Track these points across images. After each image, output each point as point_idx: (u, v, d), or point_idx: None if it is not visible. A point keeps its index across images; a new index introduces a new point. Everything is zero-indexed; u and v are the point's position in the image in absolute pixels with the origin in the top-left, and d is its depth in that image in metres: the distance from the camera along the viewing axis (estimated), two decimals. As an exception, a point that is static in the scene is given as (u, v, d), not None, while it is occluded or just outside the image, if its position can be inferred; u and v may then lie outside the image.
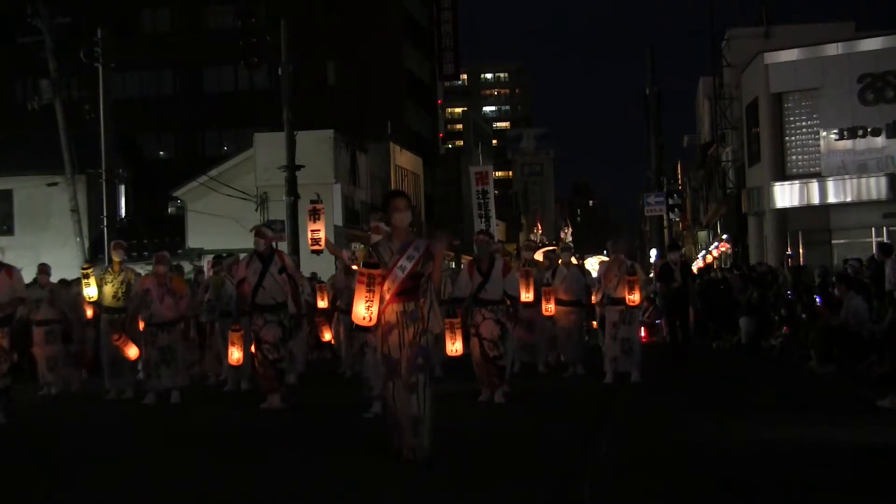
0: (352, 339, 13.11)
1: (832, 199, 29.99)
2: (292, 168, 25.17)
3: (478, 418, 10.18)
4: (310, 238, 16.42)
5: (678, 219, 47.24)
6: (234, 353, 11.80)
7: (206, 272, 15.62)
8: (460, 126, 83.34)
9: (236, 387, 13.29)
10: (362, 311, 7.40)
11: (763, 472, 7.23)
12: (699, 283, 20.72)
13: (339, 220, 34.20)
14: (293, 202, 25.09)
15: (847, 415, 10.01)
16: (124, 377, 12.85)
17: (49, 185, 31.08)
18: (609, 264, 13.60)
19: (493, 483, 7.04)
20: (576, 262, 17.01)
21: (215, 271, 14.57)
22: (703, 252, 46.86)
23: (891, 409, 9.90)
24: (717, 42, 39.33)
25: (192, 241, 34.22)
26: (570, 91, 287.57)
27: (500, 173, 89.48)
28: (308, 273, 19.15)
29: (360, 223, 35.21)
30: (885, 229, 29.06)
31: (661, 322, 19.60)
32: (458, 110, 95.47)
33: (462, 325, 10.92)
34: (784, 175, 31.11)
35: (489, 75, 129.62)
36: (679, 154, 68.68)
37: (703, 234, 54.94)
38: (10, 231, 35.04)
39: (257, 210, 31.03)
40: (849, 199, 29.73)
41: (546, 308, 14.05)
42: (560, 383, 13.37)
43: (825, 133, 30.09)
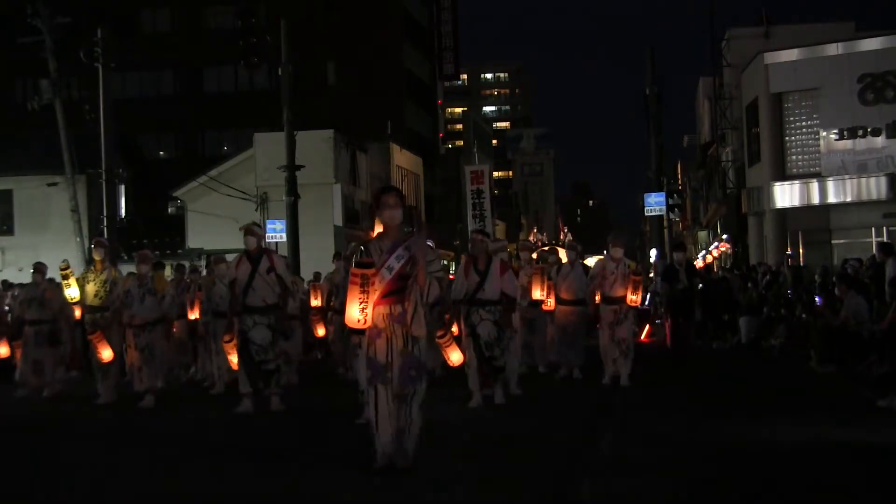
0: (344, 339, 12.88)
1: (832, 199, 30.00)
2: (292, 168, 25.18)
3: (477, 419, 10.15)
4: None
5: (678, 219, 47.22)
6: (234, 359, 11.59)
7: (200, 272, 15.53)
8: (460, 126, 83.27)
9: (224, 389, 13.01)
10: (356, 312, 7.04)
11: (763, 472, 7.23)
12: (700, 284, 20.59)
13: (339, 220, 34.22)
14: (293, 202, 25.10)
15: (847, 415, 10.01)
16: (114, 378, 12.55)
17: (49, 185, 31.09)
18: (605, 261, 13.28)
19: (493, 483, 7.04)
20: (581, 261, 16.78)
21: (208, 272, 14.48)
22: (703, 252, 46.85)
23: (891, 409, 9.90)
24: (717, 42, 39.34)
25: (192, 241, 34.22)
26: (570, 91, 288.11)
27: (500, 173, 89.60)
28: (311, 274, 19.09)
29: (360, 223, 35.22)
30: (885, 229, 29.07)
31: (662, 322, 19.58)
32: (458, 110, 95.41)
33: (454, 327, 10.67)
34: (784, 175, 31.11)
35: (489, 75, 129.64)
36: (679, 154, 68.78)
37: (703, 234, 54.94)
38: (10, 231, 35.03)
39: (257, 210, 31.05)
40: (849, 199, 29.73)
41: (546, 303, 13.81)
42: (560, 384, 13.30)
43: (825, 133, 30.10)
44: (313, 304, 15.54)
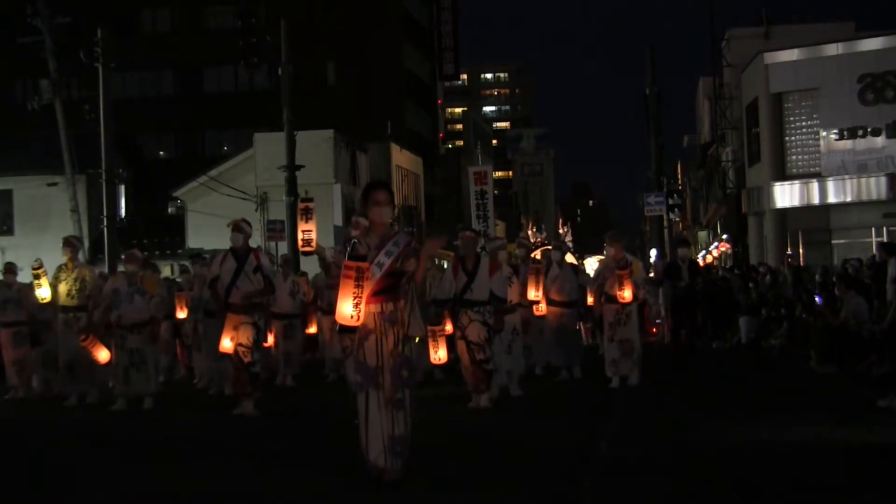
0: (334, 340, 12.56)
1: (832, 199, 30.02)
2: (292, 168, 25.18)
3: (477, 419, 10.13)
4: (301, 238, 15.92)
5: (678, 219, 47.19)
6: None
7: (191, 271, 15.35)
8: (460, 126, 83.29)
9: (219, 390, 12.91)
10: (349, 308, 6.59)
11: (763, 472, 7.22)
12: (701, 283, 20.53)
13: (339, 221, 34.18)
14: (293, 202, 25.09)
15: (847, 415, 10.00)
16: (89, 378, 12.28)
17: (49, 185, 31.06)
18: (606, 260, 13.10)
19: (493, 484, 7.04)
20: (574, 260, 16.65)
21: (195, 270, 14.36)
22: (704, 252, 46.87)
23: (891, 409, 9.90)
24: (717, 42, 39.36)
25: (192, 242, 34.18)
26: (570, 91, 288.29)
27: (500, 173, 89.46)
28: (311, 274, 19.00)
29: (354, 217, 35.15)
30: (885, 229, 29.09)
31: (661, 322, 19.58)
32: (458, 110, 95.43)
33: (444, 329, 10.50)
34: (784, 175, 31.13)
35: (489, 75, 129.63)
36: (679, 154, 68.83)
37: (703, 234, 54.95)
38: (10, 231, 35.03)
39: (257, 210, 31.02)
40: (849, 199, 29.75)
41: (537, 308, 13.49)
42: (558, 385, 13.26)
43: (825, 133, 30.11)
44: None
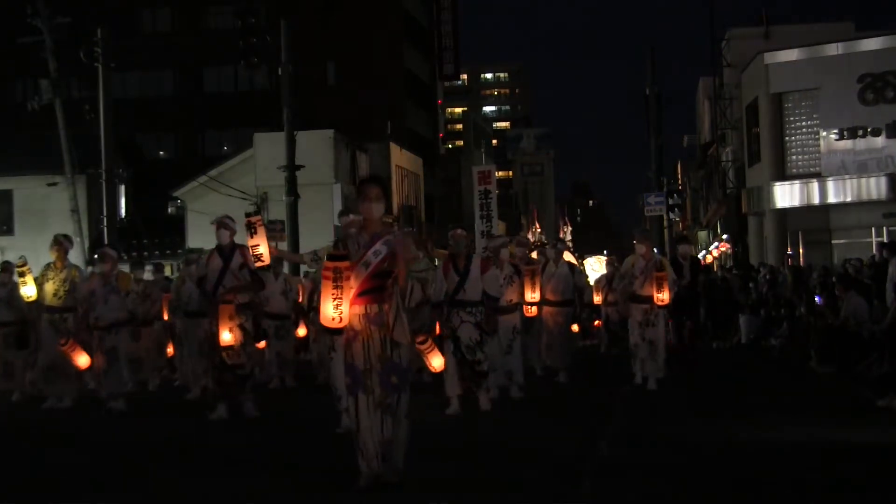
0: (321, 341, 12.23)
1: (832, 199, 29.99)
2: (292, 168, 25.19)
3: (477, 420, 10.11)
4: (252, 255, 15.43)
5: (678, 219, 47.20)
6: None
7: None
8: (460, 126, 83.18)
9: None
10: (330, 310, 6.51)
11: (763, 472, 7.23)
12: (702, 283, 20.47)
13: (338, 221, 34.16)
14: (293, 202, 25.12)
15: (847, 415, 10.01)
16: (66, 381, 12.04)
17: (49, 185, 31.03)
18: (634, 258, 12.86)
19: (493, 484, 7.04)
20: (573, 260, 16.50)
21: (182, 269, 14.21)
22: (704, 252, 46.86)
23: (891, 409, 9.90)
24: (717, 42, 39.34)
25: (192, 241, 34.12)
26: (570, 91, 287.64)
27: (501, 173, 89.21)
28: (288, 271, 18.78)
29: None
30: (885, 229, 29.06)
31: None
32: (458, 110, 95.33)
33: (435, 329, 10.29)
34: (784, 175, 31.10)
35: (489, 75, 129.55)
36: (679, 154, 68.77)
37: (703, 234, 54.93)
38: (10, 231, 35.05)
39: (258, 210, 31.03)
40: (849, 199, 29.72)
41: (528, 309, 12.81)
42: (558, 385, 13.20)
43: (825, 133, 30.08)
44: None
